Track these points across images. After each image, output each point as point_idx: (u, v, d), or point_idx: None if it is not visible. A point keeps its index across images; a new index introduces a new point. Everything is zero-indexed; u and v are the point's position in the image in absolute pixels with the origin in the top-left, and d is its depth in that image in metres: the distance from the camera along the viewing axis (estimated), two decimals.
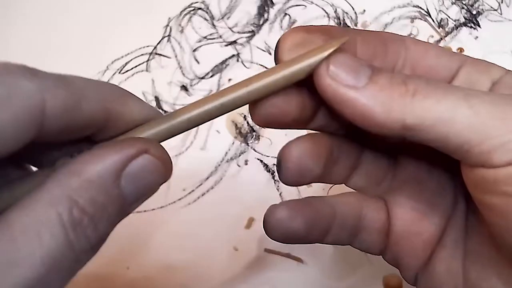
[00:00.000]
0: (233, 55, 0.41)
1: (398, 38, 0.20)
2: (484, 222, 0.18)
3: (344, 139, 0.22)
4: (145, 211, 0.36)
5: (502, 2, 0.41)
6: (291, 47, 0.19)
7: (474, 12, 0.40)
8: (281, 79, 0.18)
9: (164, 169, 0.17)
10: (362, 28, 0.41)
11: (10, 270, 0.13)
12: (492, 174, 0.16)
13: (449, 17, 0.41)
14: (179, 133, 0.18)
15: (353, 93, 0.17)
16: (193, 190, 0.37)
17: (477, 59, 0.20)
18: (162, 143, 0.18)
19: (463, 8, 0.41)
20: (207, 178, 0.37)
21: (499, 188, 0.16)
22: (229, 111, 0.19)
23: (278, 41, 0.19)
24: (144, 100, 0.39)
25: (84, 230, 0.15)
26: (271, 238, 0.21)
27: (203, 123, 0.19)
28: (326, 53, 0.18)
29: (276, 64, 0.19)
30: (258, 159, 0.37)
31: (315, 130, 0.22)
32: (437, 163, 0.22)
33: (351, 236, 0.22)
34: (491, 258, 0.19)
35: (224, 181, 0.37)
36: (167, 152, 0.18)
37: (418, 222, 0.21)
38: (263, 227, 0.21)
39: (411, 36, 0.40)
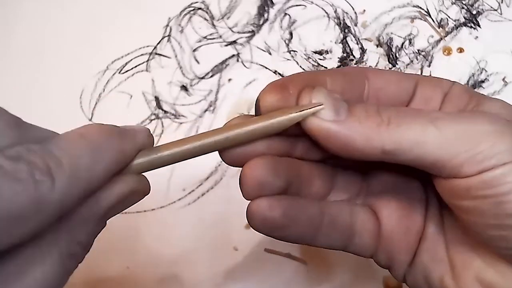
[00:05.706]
0: (233, 55, 0.41)
1: (359, 72, 0.22)
2: (459, 221, 0.21)
3: (319, 165, 0.24)
4: (145, 211, 0.36)
5: (502, 2, 0.41)
6: (270, 107, 0.21)
7: (474, 12, 0.40)
8: (265, 129, 0.21)
9: (142, 196, 0.21)
10: (362, 28, 0.41)
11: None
12: (464, 183, 0.19)
13: (449, 17, 0.41)
14: (158, 168, 0.21)
15: (336, 127, 0.19)
16: (193, 190, 0.37)
17: (428, 76, 0.24)
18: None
19: (463, 8, 0.41)
20: (207, 178, 0.37)
21: (472, 193, 0.19)
22: (209, 153, 0.21)
23: (258, 99, 0.21)
24: (144, 100, 0.39)
25: (76, 255, 0.19)
26: (253, 228, 0.22)
27: (192, 158, 0.21)
28: (303, 114, 0.20)
29: (256, 115, 0.21)
30: None
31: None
32: (404, 170, 0.23)
33: (344, 240, 0.23)
34: (472, 246, 0.22)
35: (224, 181, 0.37)
36: (146, 179, 0.21)
37: (405, 219, 0.23)
38: (246, 217, 0.22)
39: (411, 36, 0.40)
